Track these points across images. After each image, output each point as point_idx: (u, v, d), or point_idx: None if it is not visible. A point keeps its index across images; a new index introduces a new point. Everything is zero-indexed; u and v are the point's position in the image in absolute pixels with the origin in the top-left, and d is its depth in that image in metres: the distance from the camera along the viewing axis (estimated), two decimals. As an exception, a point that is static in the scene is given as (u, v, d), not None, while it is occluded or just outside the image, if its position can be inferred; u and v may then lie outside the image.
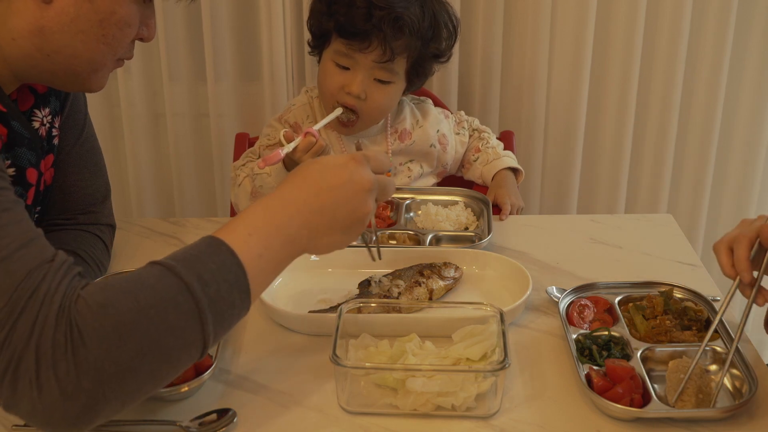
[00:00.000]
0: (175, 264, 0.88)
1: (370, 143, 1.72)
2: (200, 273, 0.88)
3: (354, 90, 1.60)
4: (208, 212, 2.24)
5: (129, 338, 0.83)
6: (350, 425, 1.06)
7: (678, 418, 1.04)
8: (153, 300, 0.86)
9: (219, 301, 0.89)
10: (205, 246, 0.92)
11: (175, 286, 0.87)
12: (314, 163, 1.02)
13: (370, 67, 1.59)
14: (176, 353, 0.87)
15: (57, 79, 1.10)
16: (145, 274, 0.88)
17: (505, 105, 2.13)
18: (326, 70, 1.64)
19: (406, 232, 1.51)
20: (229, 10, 2.03)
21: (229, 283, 0.90)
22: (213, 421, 1.05)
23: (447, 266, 1.34)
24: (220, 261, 0.90)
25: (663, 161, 2.19)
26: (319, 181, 0.99)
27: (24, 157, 1.14)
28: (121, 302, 0.84)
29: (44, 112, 1.19)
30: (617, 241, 1.52)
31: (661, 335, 1.18)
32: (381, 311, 1.22)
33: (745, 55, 2.12)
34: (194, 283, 0.87)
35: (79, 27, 1.03)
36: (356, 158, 1.02)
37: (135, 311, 0.84)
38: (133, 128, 2.14)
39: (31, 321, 0.81)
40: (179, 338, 0.87)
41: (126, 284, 0.86)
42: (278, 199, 0.98)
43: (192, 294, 0.87)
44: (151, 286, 0.86)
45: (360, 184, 1.00)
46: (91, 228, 1.34)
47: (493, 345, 1.13)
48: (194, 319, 0.87)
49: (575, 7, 2.02)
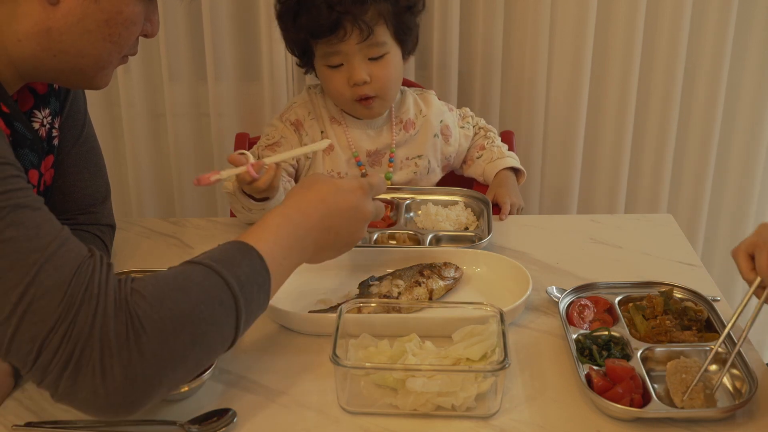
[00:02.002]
0: (216, 264, 0.96)
1: (375, 134, 1.72)
2: (238, 275, 0.96)
3: (357, 78, 1.60)
4: (208, 212, 2.24)
5: (184, 329, 0.91)
6: (350, 425, 1.06)
7: (678, 418, 1.04)
8: (203, 296, 0.93)
9: (252, 302, 0.98)
10: (236, 250, 1.00)
11: (220, 285, 0.95)
12: (329, 183, 1.14)
13: (359, 51, 1.59)
14: (216, 346, 0.96)
15: (63, 77, 1.10)
16: (189, 271, 0.96)
17: (505, 105, 2.13)
18: (325, 77, 1.65)
19: (406, 232, 1.51)
20: (229, 10, 2.03)
21: (259, 285, 0.99)
22: (213, 421, 1.05)
23: (447, 266, 1.34)
24: (252, 265, 0.99)
25: (663, 161, 2.19)
26: (332, 203, 1.12)
27: (26, 159, 1.15)
28: (175, 296, 0.91)
29: (44, 113, 1.19)
30: (617, 241, 1.52)
31: (661, 335, 1.18)
32: (381, 311, 1.22)
33: (745, 55, 2.12)
34: (235, 285, 0.95)
35: (86, 27, 1.03)
36: (364, 187, 1.16)
37: (188, 305, 0.92)
38: (133, 128, 2.14)
39: (91, 313, 0.87)
40: (220, 333, 0.95)
41: (175, 281, 0.94)
42: (298, 213, 1.09)
43: (233, 294, 0.95)
44: (199, 284, 0.94)
45: (363, 213, 1.15)
46: (91, 228, 1.34)
47: (493, 345, 1.13)
48: (233, 317, 0.96)
49: (575, 7, 2.02)
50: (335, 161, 1.70)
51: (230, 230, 1.56)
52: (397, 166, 1.74)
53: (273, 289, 1.03)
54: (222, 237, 1.52)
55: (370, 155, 1.72)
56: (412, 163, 1.75)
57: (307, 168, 1.71)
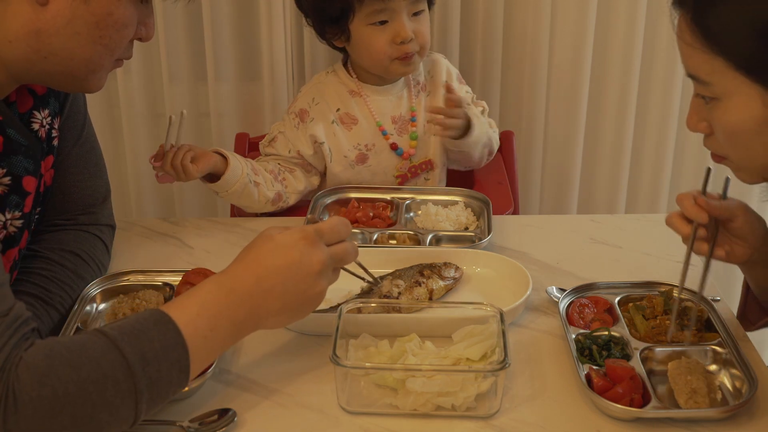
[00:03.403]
0: (121, 338, 0.90)
1: (396, 99, 1.72)
2: (144, 351, 0.90)
3: (406, 36, 1.61)
4: (208, 212, 2.24)
5: (64, 411, 0.85)
6: (350, 425, 1.06)
7: (678, 418, 1.04)
8: (94, 375, 0.87)
9: (158, 381, 0.91)
10: (153, 322, 0.94)
11: (117, 362, 0.89)
12: (268, 241, 1.03)
13: (405, 8, 1.60)
14: (107, 428, 0.89)
15: (54, 80, 1.10)
16: (89, 344, 0.90)
17: (506, 105, 2.13)
18: (366, 37, 1.63)
19: (406, 233, 1.51)
20: (229, 10, 2.03)
21: (170, 362, 0.92)
22: (213, 421, 1.05)
23: (447, 266, 1.34)
24: (165, 340, 0.93)
25: (663, 161, 2.19)
26: (268, 263, 1.01)
27: (20, 166, 1.13)
28: (62, 373, 0.86)
29: (43, 114, 1.19)
30: (617, 241, 1.52)
31: (661, 335, 1.18)
32: (381, 311, 1.22)
33: (745, 55, 2.12)
34: (136, 363, 0.89)
35: (75, 29, 1.02)
36: (307, 237, 1.03)
37: (75, 384, 0.86)
38: (133, 128, 2.13)
39: None
40: (113, 414, 0.89)
41: (69, 354, 0.88)
42: (231, 279, 1.00)
43: (132, 373, 0.89)
44: (94, 360, 0.88)
45: (309, 266, 1.02)
46: (92, 228, 1.34)
47: (493, 345, 1.13)
48: (130, 398, 0.89)
49: (575, 8, 2.02)
50: (360, 134, 1.70)
51: (230, 230, 1.56)
52: (422, 128, 1.73)
53: (195, 365, 0.95)
54: (222, 237, 1.53)
55: (396, 121, 1.72)
56: (431, 126, 1.74)
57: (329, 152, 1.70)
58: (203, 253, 1.49)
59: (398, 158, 1.72)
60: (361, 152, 1.70)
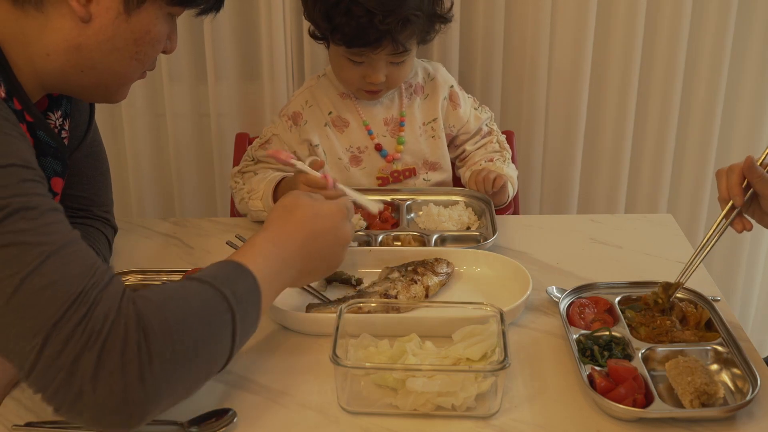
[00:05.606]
0: (213, 280, 0.96)
1: (388, 101, 1.73)
2: (234, 290, 0.96)
3: (376, 80, 1.62)
4: (208, 212, 2.24)
5: (187, 332, 0.90)
6: (350, 425, 1.06)
7: (680, 418, 1.04)
8: (202, 306, 0.93)
9: (245, 319, 0.98)
10: (232, 269, 1.00)
11: (218, 297, 0.95)
12: (308, 206, 1.13)
13: (384, 57, 1.60)
14: (215, 358, 0.95)
15: (86, 92, 1.12)
16: (187, 285, 0.95)
17: (506, 104, 2.13)
18: (341, 64, 1.64)
19: (410, 234, 1.51)
20: (229, 10, 2.03)
21: (252, 304, 1.00)
22: (213, 421, 1.05)
23: (439, 262, 1.35)
24: (246, 284, 0.99)
25: (663, 161, 2.19)
26: (313, 226, 1.11)
27: (49, 167, 1.15)
28: (175, 305, 0.91)
29: (56, 115, 1.20)
30: (617, 241, 1.52)
31: (662, 335, 1.18)
32: (381, 311, 1.22)
33: (745, 55, 2.12)
34: (232, 299, 0.95)
35: (115, 45, 1.05)
36: (342, 210, 1.16)
37: (189, 312, 0.92)
38: (133, 128, 2.13)
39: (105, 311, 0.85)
40: (219, 343, 0.94)
41: (174, 292, 0.94)
42: (285, 236, 1.09)
43: (230, 307, 0.95)
44: (198, 295, 0.94)
45: (343, 237, 1.15)
46: (95, 223, 1.35)
47: (493, 345, 1.13)
48: (230, 330, 0.95)
49: (575, 7, 2.02)
50: (351, 137, 1.71)
51: (230, 230, 1.56)
52: (415, 132, 1.73)
53: (264, 306, 1.03)
54: (222, 237, 1.52)
55: (387, 123, 1.72)
56: (429, 128, 1.75)
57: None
58: (203, 253, 1.49)
59: (382, 160, 1.72)
60: (353, 154, 1.71)
